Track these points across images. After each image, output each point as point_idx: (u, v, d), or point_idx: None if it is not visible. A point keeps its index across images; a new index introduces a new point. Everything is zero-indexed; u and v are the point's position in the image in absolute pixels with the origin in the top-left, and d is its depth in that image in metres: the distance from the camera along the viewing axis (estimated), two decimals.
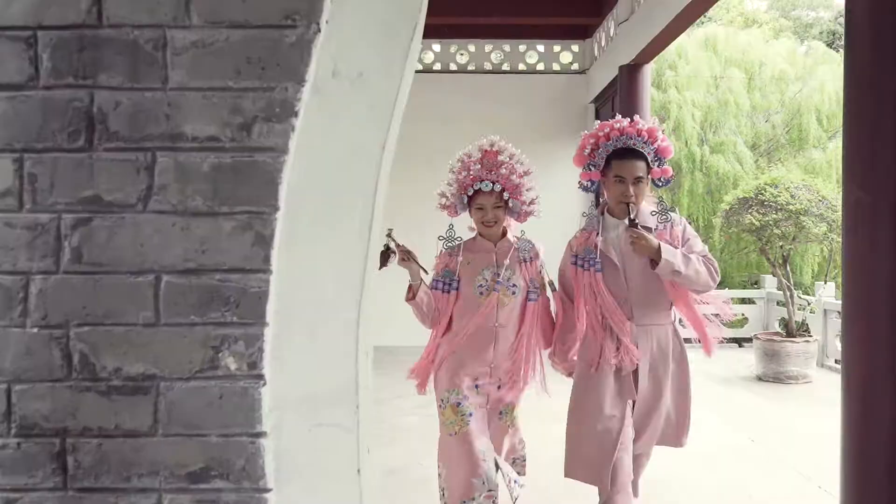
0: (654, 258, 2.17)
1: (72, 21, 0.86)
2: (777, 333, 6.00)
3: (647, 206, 2.34)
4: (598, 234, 2.37)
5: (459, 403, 2.42)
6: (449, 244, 2.50)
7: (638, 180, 2.31)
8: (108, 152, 0.86)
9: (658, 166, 2.36)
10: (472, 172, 2.51)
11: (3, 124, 0.86)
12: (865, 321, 1.96)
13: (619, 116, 2.42)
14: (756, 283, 8.46)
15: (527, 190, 2.58)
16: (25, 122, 0.86)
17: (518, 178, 2.55)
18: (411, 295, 2.38)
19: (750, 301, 8.10)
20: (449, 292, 2.47)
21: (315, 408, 0.86)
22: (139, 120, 0.86)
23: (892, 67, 1.86)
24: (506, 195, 2.52)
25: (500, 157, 2.53)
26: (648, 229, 2.24)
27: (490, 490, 2.37)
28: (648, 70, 6.11)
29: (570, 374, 2.42)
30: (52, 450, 0.87)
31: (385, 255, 2.31)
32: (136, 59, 0.86)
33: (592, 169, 2.44)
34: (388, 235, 2.29)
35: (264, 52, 0.85)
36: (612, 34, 6.58)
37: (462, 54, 7.59)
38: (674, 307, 2.33)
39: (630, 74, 5.97)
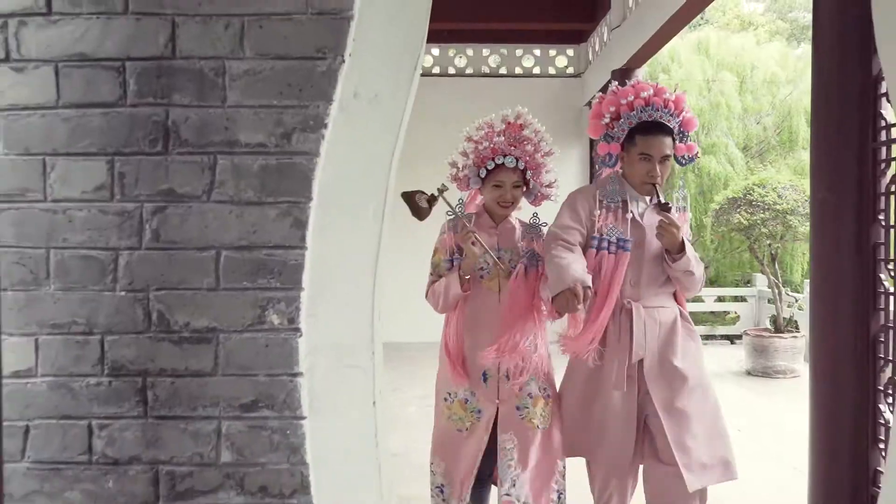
0: (674, 251, 1.98)
1: (152, 54, 1.12)
2: (766, 329, 6.24)
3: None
4: (627, 210, 2.09)
5: (468, 400, 2.24)
6: (452, 221, 2.21)
7: (665, 159, 2.08)
8: (179, 155, 1.12)
9: (682, 141, 2.11)
10: (494, 144, 2.26)
11: (98, 134, 1.12)
12: (832, 318, 2.05)
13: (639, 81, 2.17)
14: (748, 282, 8.70)
15: (546, 171, 2.36)
16: (116, 133, 1.12)
17: (542, 157, 2.34)
18: (466, 287, 2.13)
19: (742, 299, 8.35)
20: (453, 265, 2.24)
21: (340, 354, 1.12)
22: (204, 130, 1.12)
23: (856, 70, 1.96)
24: (528, 174, 2.31)
25: (526, 132, 2.31)
26: (668, 209, 2.02)
27: (507, 494, 2.16)
28: (640, 74, 6.38)
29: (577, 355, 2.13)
30: (136, 386, 1.13)
31: (425, 209, 2.09)
32: (201, 83, 1.12)
33: (612, 141, 2.17)
34: (441, 191, 2.11)
35: (301, 78, 1.12)
36: (605, 39, 6.83)
37: (461, 58, 7.85)
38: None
39: (622, 78, 6.18)
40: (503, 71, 7.78)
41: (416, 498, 2.59)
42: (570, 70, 7.84)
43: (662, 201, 2.00)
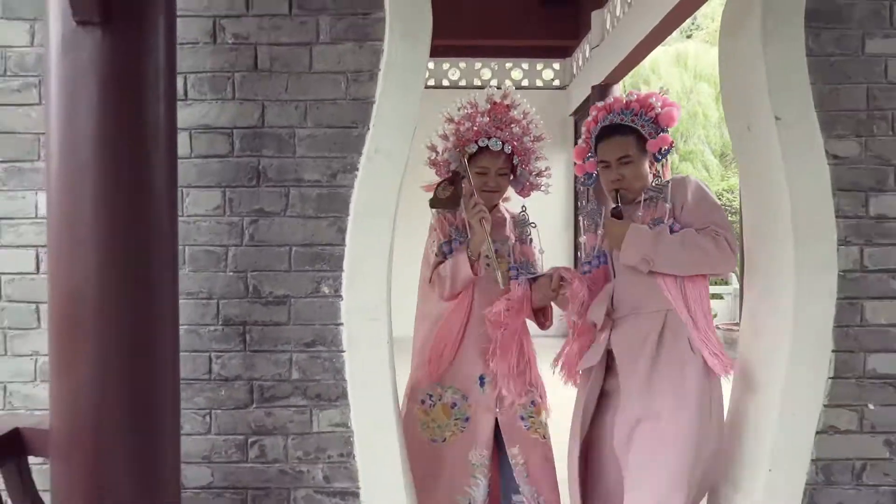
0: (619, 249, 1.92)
1: (249, 124, 1.83)
2: (735, 323, 6.97)
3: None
4: (598, 232, 2.08)
5: (455, 404, 2.03)
6: (446, 200, 2.05)
7: (624, 160, 1.97)
8: (266, 188, 1.84)
9: (656, 135, 1.98)
10: (476, 125, 2.05)
11: (216, 174, 1.83)
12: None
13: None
14: (726, 282, 9.44)
15: (536, 158, 2.17)
16: (227, 173, 1.84)
17: (531, 142, 2.14)
18: (477, 268, 2.01)
19: (719, 297, 9.09)
20: (448, 253, 2.07)
21: (366, 311, 1.83)
22: (281, 172, 1.84)
23: None
24: (515, 160, 2.11)
25: (513, 113, 2.10)
26: (619, 215, 1.97)
27: None
28: (618, 89, 7.09)
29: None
30: (238, 332, 1.84)
31: (451, 194, 2.02)
32: (280, 142, 1.84)
33: (586, 161, 2.12)
34: (458, 172, 2.06)
35: (342, 139, 1.83)
36: (587, 56, 7.55)
37: (454, 71, 8.57)
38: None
39: (601, 93, 6.93)
40: (494, 83, 8.50)
41: None
42: (557, 82, 8.56)
43: (616, 209, 1.97)
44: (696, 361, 1.87)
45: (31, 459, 1.61)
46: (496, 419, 1.99)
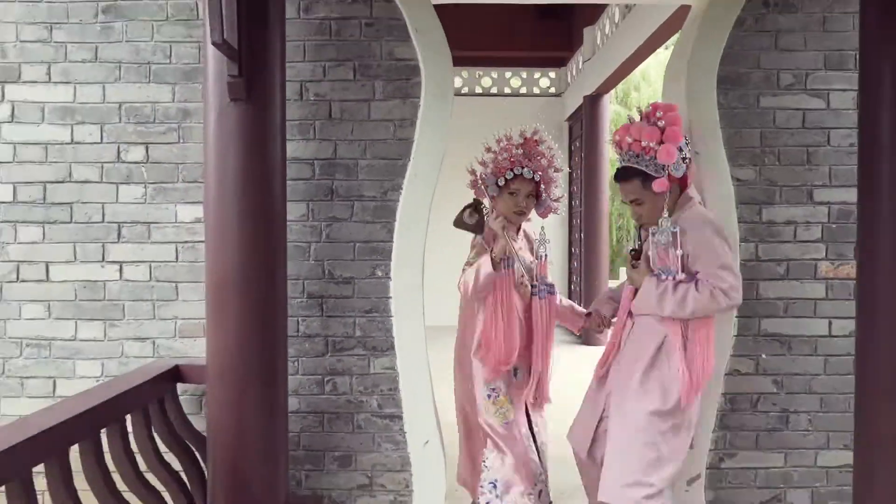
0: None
1: (326, 156, 2.62)
2: None
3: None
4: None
5: (506, 392, 2.55)
6: (473, 226, 2.52)
7: (636, 202, 2.26)
8: (338, 201, 2.62)
9: (659, 174, 2.18)
10: (512, 156, 2.51)
11: (302, 192, 2.61)
12: None
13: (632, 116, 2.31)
14: None
15: (556, 187, 2.64)
16: (310, 191, 2.62)
17: (554, 173, 2.60)
18: (499, 267, 2.45)
19: None
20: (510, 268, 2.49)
21: (408, 287, 2.62)
22: (349, 191, 2.62)
23: None
24: (541, 187, 2.58)
25: (541, 148, 2.57)
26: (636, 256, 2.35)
27: (541, 473, 2.54)
28: (607, 98, 7.80)
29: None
30: (318, 302, 2.64)
31: (475, 219, 2.49)
32: (348, 169, 2.62)
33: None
34: (475, 206, 2.52)
35: (392, 168, 2.61)
36: (580, 67, 8.25)
37: (457, 80, 9.25)
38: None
39: (592, 102, 7.66)
40: (494, 90, 9.18)
41: None
42: (553, 90, 9.25)
43: (634, 251, 2.37)
44: (670, 387, 2.19)
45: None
46: (525, 399, 2.60)
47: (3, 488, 1.58)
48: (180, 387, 2.54)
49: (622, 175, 2.25)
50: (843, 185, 2.62)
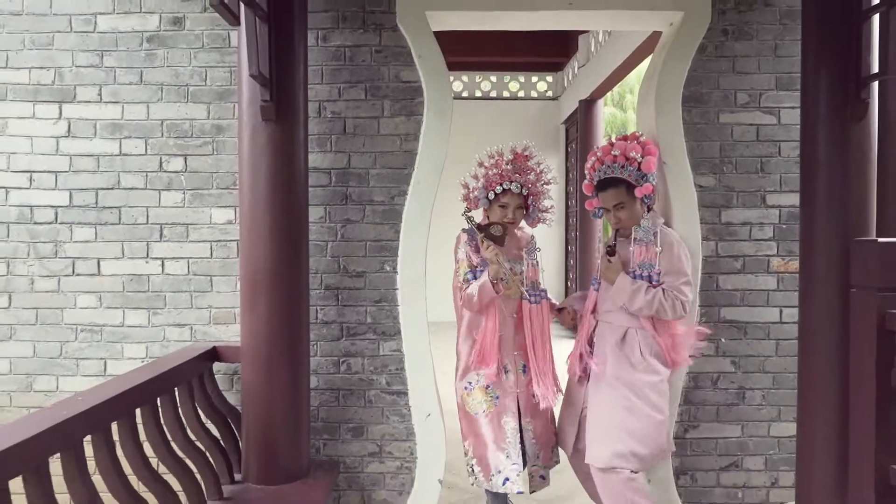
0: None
1: (341, 166, 3.03)
2: None
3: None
4: (599, 259, 2.80)
5: (488, 386, 2.75)
6: (470, 233, 2.76)
7: (618, 206, 2.61)
8: (352, 205, 3.04)
9: (641, 184, 2.58)
10: (502, 171, 2.72)
11: (320, 197, 3.03)
12: None
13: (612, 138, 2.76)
14: None
15: (545, 199, 2.84)
16: (327, 196, 3.04)
17: (542, 186, 2.80)
18: (498, 288, 2.66)
19: None
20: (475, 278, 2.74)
21: (413, 282, 3.04)
22: (361, 196, 3.04)
23: None
24: (529, 200, 2.78)
25: (530, 163, 2.76)
26: (612, 253, 2.62)
27: (514, 464, 2.66)
28: (601, 103, 8.19)
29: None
30: (335, 293, 3.06)
31: (503, 237, 2.69)
32: (360, 177, 3.03)
33: (596, 196, 2.74)
34: (467, 217, 2.75)
35: (398, 176, 3.03)
36: (575, 72, 8.64)
37: (458, 84, 9.60)
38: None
39: (587, 107, 8.05)
40: (493, 94, 9.53)
41: None
42: (549, 94, 9.61)
43: (609, 248, 2.65)
44: (639, 371, 2.56)
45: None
46: (517, 398, 2.74)
47: (69, 449, 2.00)
48: (214, 367, 2.96)
49: (610, 183, 2.60)
50: (791, 190, 3.02)
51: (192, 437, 2.63)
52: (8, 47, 3.03)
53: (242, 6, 2.31)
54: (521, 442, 2.76)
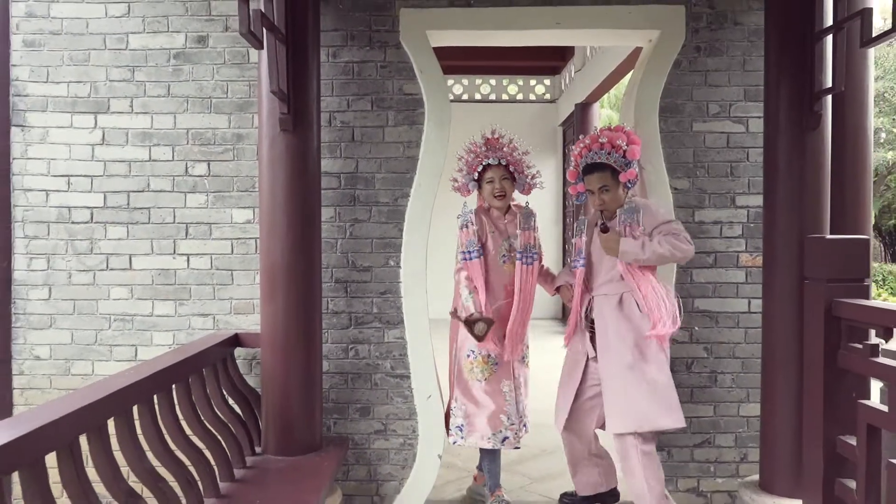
0: (616, 256, 2.83)
1: (349, 171, 3.37)
2: None
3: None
4: (582, 237, 3.04)
5: (489, 355, 3.09)
6: (463, 220, 3.08)
7: (603, 189, 2.90)
8: (359, 206, 3.38)
9: (625, 169, 2.87)
10: (479, 153, 3.04)
11: (332, 198, 3.37)
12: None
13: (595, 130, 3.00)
14: None
15: (527, 167, 3.10)
16: (337, 198, 3.38)
17: (519, 155, 3.07)
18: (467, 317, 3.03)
19: None
20: (479, 257, 3.07)
21: (414, 273, 3.37)
22: (368, 197, 3.37)
23: None
24: (511, 169, 3.05)
25: (502, 141, 3.09)
26: (605, 230, 2.88)
27: (513, 424, 3.06)
28: (597, 106, 8.51)
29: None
30: (343, 286, 3.39)
31: (484, 334, 3.04)
32: (366, 181, 3.37)
33: (580, 182, 3.03)
34: (453, 315, 3.19)
35: (401, 180, 3.37)
36: (572, 76, 8.96)
37: (458, 87, 9.91)
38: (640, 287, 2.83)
39: (583, 110, 8.37)
40: (493, 97, 9.83)
41: None
42: (547, 97, 9.91)
43: (603, 225, 2.93)
44: (641, 325, 2.85)
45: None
46: (509, 362, 3.15)
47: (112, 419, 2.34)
48: (234, 352, 3.30)
49: (596, 167, 2.89)
50: (758, 192, 3.35)
51: (218, 413, 2.96)
52: (49, 63, 3.37)
53: (265, 31, 2.64)
54: (517, 402, 3.13)
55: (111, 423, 2.12)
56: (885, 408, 2.23)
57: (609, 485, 3.22)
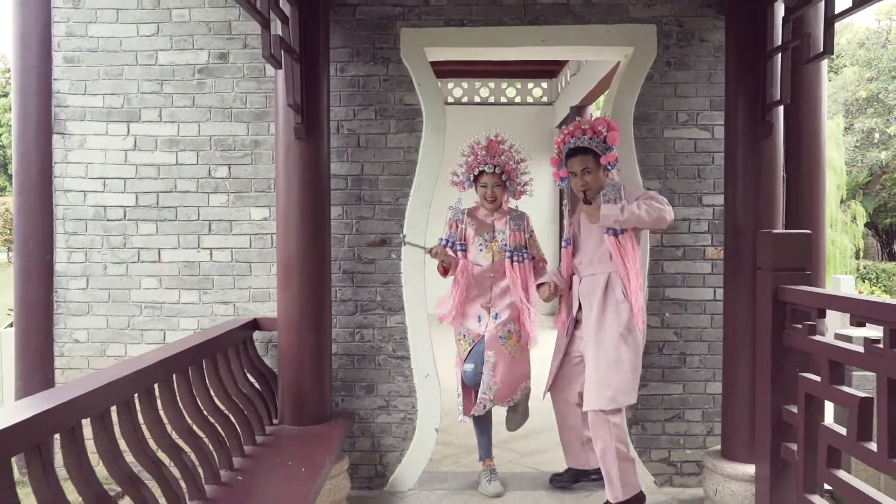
0: (596, 221, 3.04)
1: (355, 173, 3.79)
2: None
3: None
4: (570, 220, 3.37)
5: (466, 335, 3.53)
6: (455, 216, 3.49)
7: (585, 171, 3.12)
8: (364, 205, 3.80)
9: (606, 153, 3.12)
10: (478, 157, 3.29)
11: (339, 198, 3.79)
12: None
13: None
14: None
15: (521, 174, 3.35)
16: (344, 198, 3.80)
17: (515, 164, 3.30)
18: (443, 270, 3.48)
19: None
20: (462, 251, 3.52)
21: (413, 264, 3.79)
22: (372, 198, 3.80)
23: None
24: (504, 177, 3.30)
25: (502, 146, 3.30)
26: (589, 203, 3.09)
27: (483, 393, 3.47)
28: (591, 109, 8.89)
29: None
30: (350, 276, 3.82)
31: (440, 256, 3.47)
32: (371, 183, 3.79)
33: (560, 169, 3.27)
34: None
35: (401, 181, 3.78)
36: (567, 80, 9.34)
37: (458, 89, 10.26)
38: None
39: (578, 112, 8.73)
40: (491, 100, 10.16)
41: None
42: (545, 99, 10.27)
43: (586, 199, 3.20)
44: (626, 307, 3.15)
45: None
46: (484, 336, 3.52)
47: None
48: (252, 335, 3.72)
49: (580, 150, 3.15)
50: (722, 192, 3.75)
51: (240, 387, 3.38)
52: (86, 78, 3.80)
53: (283, 53, 3.05)
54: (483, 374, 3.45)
55: (156, 388, 2.54)
56: (818, 378, 2.62)
57: (596, 465, 3.62)
